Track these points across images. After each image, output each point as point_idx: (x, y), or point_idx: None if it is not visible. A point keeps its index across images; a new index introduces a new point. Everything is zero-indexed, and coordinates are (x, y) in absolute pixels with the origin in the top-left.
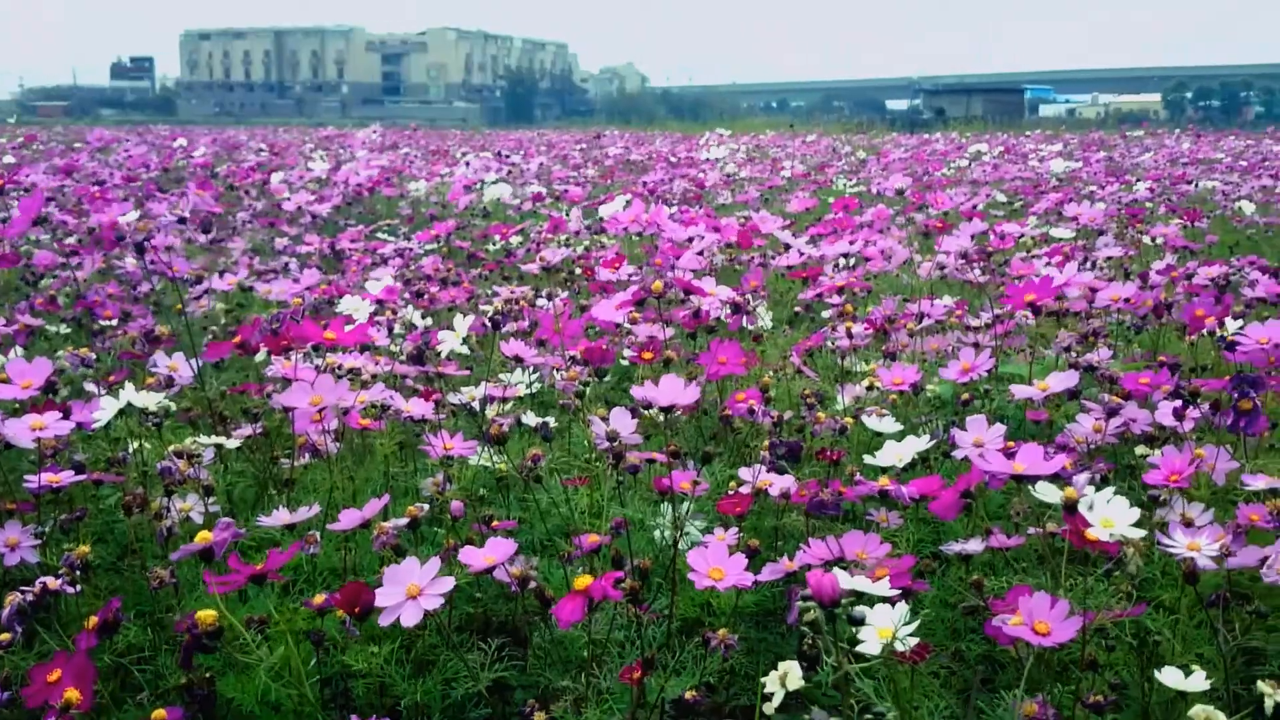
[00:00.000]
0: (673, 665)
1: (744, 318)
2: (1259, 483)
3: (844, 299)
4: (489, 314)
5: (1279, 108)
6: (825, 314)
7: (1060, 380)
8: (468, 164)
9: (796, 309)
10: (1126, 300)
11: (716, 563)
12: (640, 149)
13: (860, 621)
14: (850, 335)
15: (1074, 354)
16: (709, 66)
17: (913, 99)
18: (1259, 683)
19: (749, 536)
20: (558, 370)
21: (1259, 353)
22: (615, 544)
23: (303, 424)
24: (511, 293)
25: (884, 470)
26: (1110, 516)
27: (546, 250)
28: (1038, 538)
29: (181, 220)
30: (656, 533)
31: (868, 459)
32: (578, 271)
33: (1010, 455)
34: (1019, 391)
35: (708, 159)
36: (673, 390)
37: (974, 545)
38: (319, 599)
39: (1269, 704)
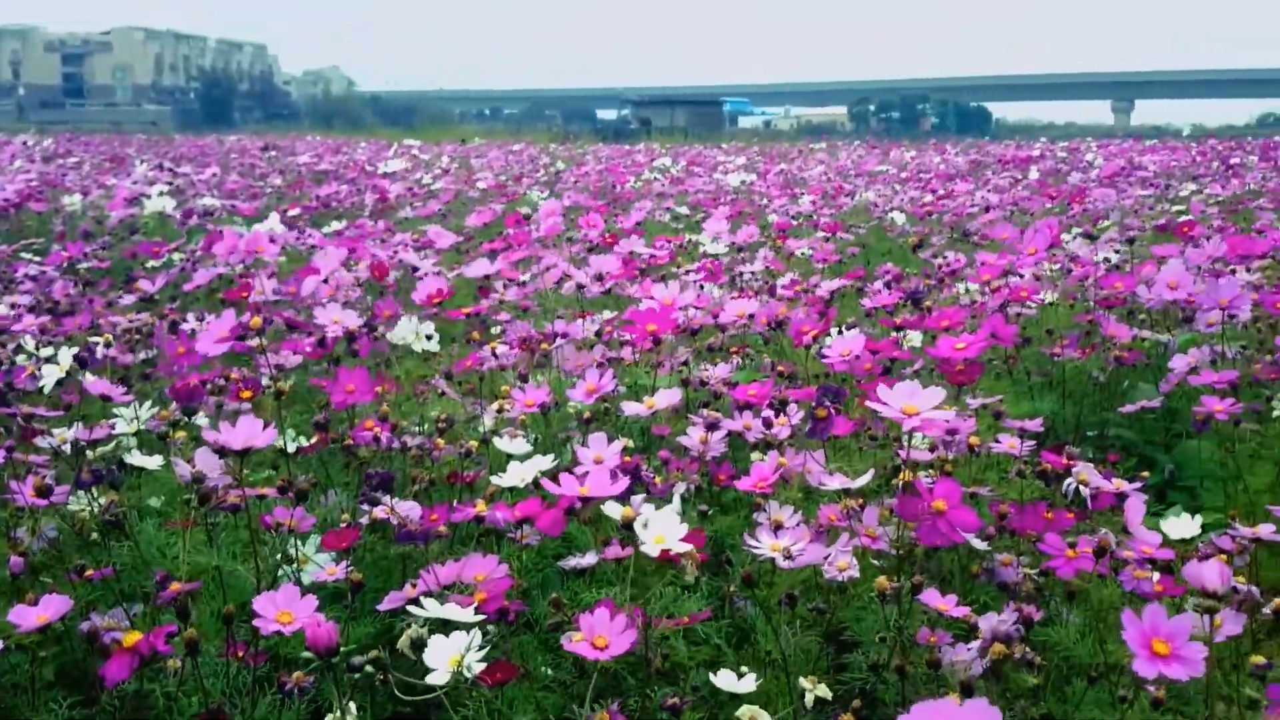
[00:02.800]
0: (250, 713)
1: (371, 342)
2: (834, 483)
3: (512, 317)
4: (99, 345)
5: (952, 118)
6: (495, 331)
7: (666, 397)
8: (129, 175)
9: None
10: (750, 316)
11: (286, 606)
12: (335, 157)
13: (421, 648)
14: (495, 355)
15: (686, 370)
16: (420, 72)
17: (621, 109)
18: (801, 680)
19: (363, 567)
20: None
21: (845, 363)
22: (206, 590)
23: None
24: (130, 321)
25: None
26: (662, 532)
27: (145, 280)
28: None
29: None
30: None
31: (494, 480)
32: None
33: (581, 477)
34: (629, 409)
35: (384, 173)
36: (249, 432)
37: (589, 559)
38: None
39: (809, 699)
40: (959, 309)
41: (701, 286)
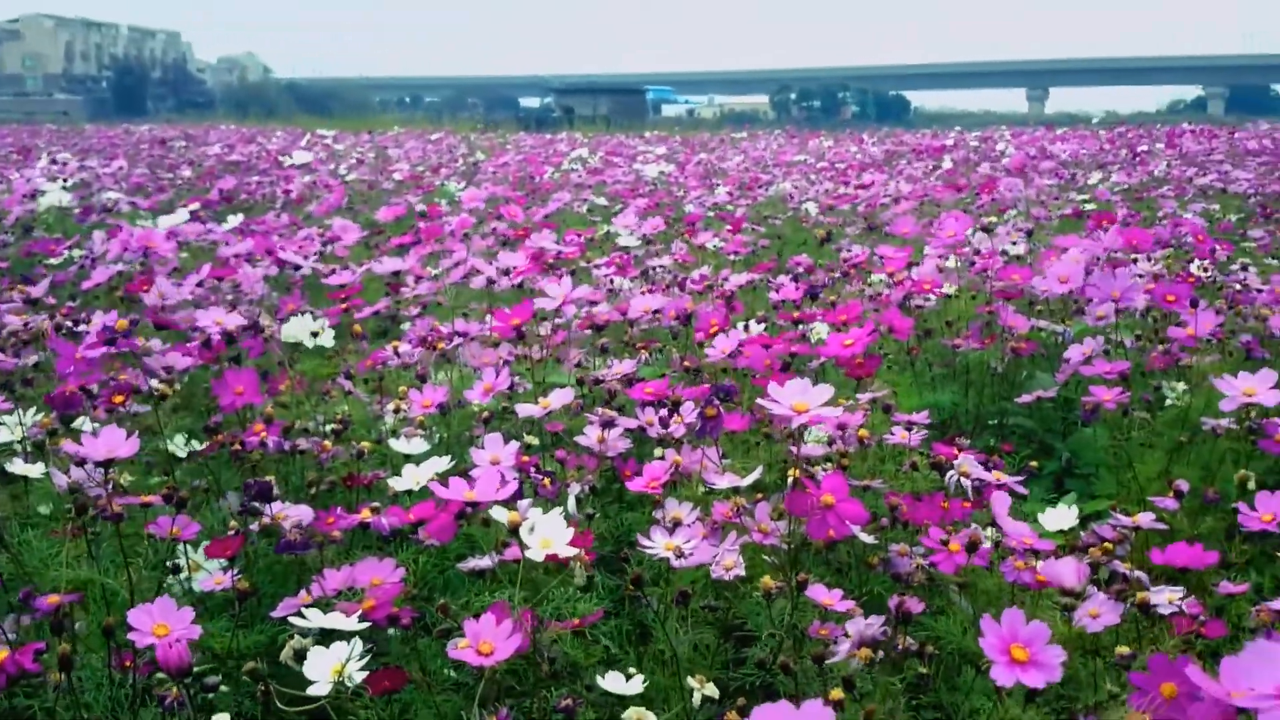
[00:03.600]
0: None
1: (262, 343)
2: (723, 481)
3: (418, 313)
4: None
5: (872, 107)
6: (405, 327)
7: (560, 396)
8: (19, 172)
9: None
10: (655, 311)
11: (162, 618)
12: (248, 147)
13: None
14: (398, 354)
15: (583, 369)
16: (340, 60)
17: (544, 98)
18: (688, 679)
19: (256, 573)
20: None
21: (748, 359)
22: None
23: None
24: (22, 322)
25: (410, 493)
26: (549, 535)
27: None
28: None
29: None
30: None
31: (392, 482)
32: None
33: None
34: (522, 410)
35: (291, 165)
36: (111, 442)
37: (487, 561)
38: None
39: (696, 698)
40: (857, 303)
41: (612, 281)
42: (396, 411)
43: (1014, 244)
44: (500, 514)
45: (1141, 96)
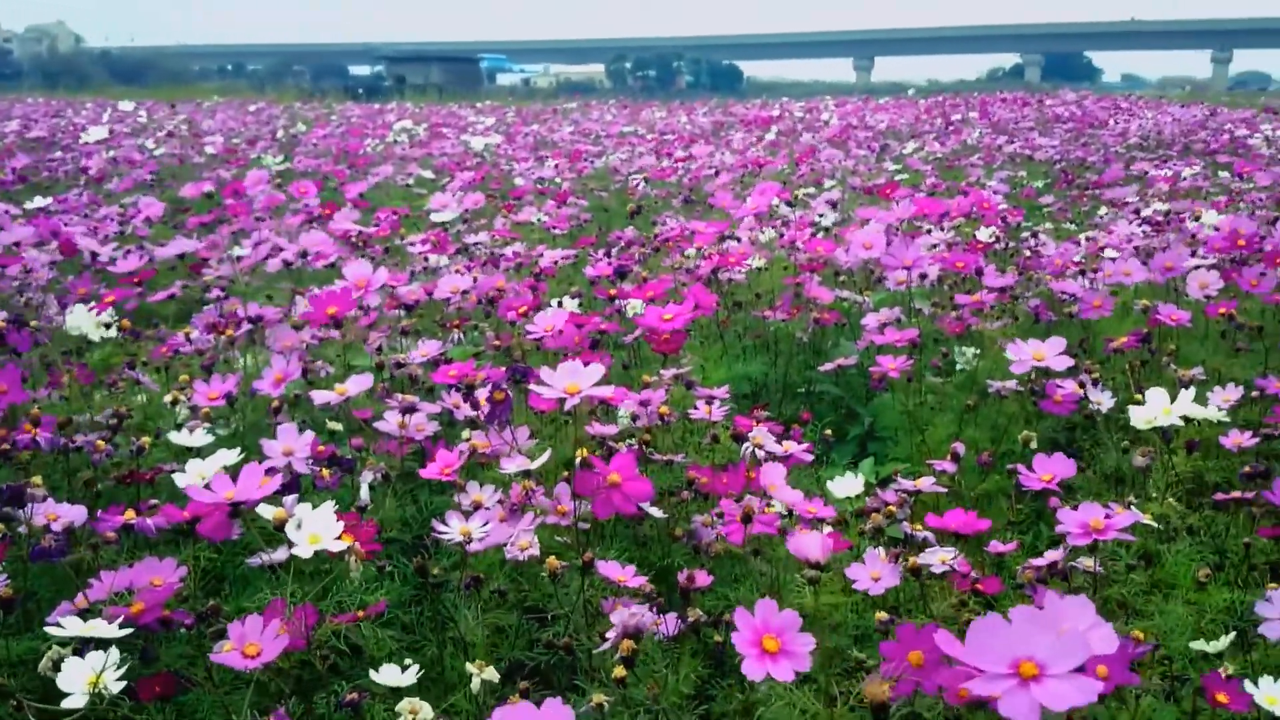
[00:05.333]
0: None
1: (30, 335)
2: (513, 465)
3: (223, 296)
4: None
5: (706, 77)
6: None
7: (357, 383)
8: None
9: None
10: (464, 291)
11: None
12: (53, 121)
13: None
14: (189, 340)
15: (383, 354)
16: (157, 28)
17: (375, 66)
18: (467, 664)
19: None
20: None
21: (549, 338)
22: None
23: None
24: None
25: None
26: (317, 531)
27: None
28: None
29: None
30: None
31: (176, 478)
32: None
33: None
34: (318, 398)
35: (86, 141)
36: None
37: (280, 554)
38: None
39: (475, 684)
40: (666, 278)
41: (426, 259)
42: (175, 403)
43: (821, 216)
44: (266, 511)
45: (963, 65)
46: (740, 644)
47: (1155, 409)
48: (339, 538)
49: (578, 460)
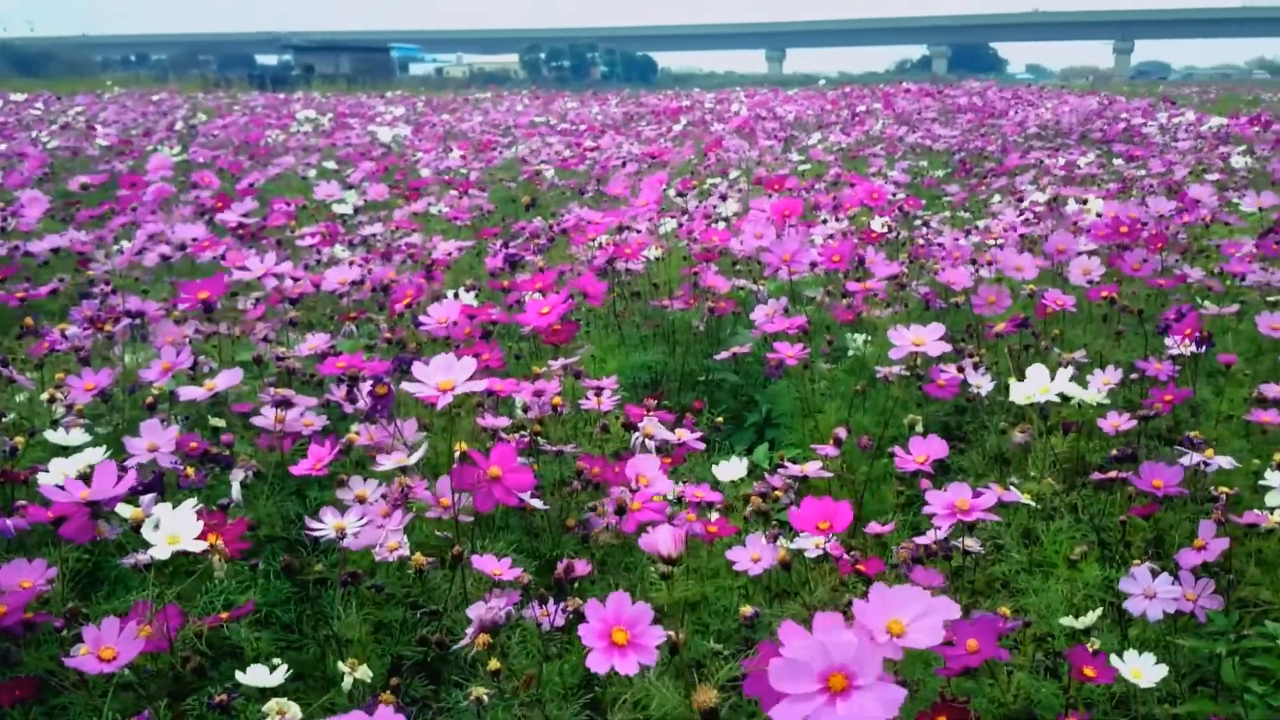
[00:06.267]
0: None
1: None
2: (389, 462)
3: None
4: None
5: (621, 68)
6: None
7: (225, 378)
8: None
9: None
10: (354, 283)
11: None
12: None
13: None
14: (65, 336)
15: (269, 344)
16: (57, 16)
17: (283, 55)
18: (339, 663)
19: None
20: None
21: (439, 330)
22: None
23: None
24: None
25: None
26: (176, 531)
27: None
28: None
29: None
30: None
31: (41, 479)
32: None
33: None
34: (184, 394)
35: None
36: None
37: (160, 553)
38: None
39: (347, 682)
40: (551, 271)
41: (319, 251)
42: (52, 401)
43: (716, 206)
44: (125, 511)
45: (873, 57)
46: (588, 636)
47: (1034, 386)
48: (200, 537)
49: (456, 454)
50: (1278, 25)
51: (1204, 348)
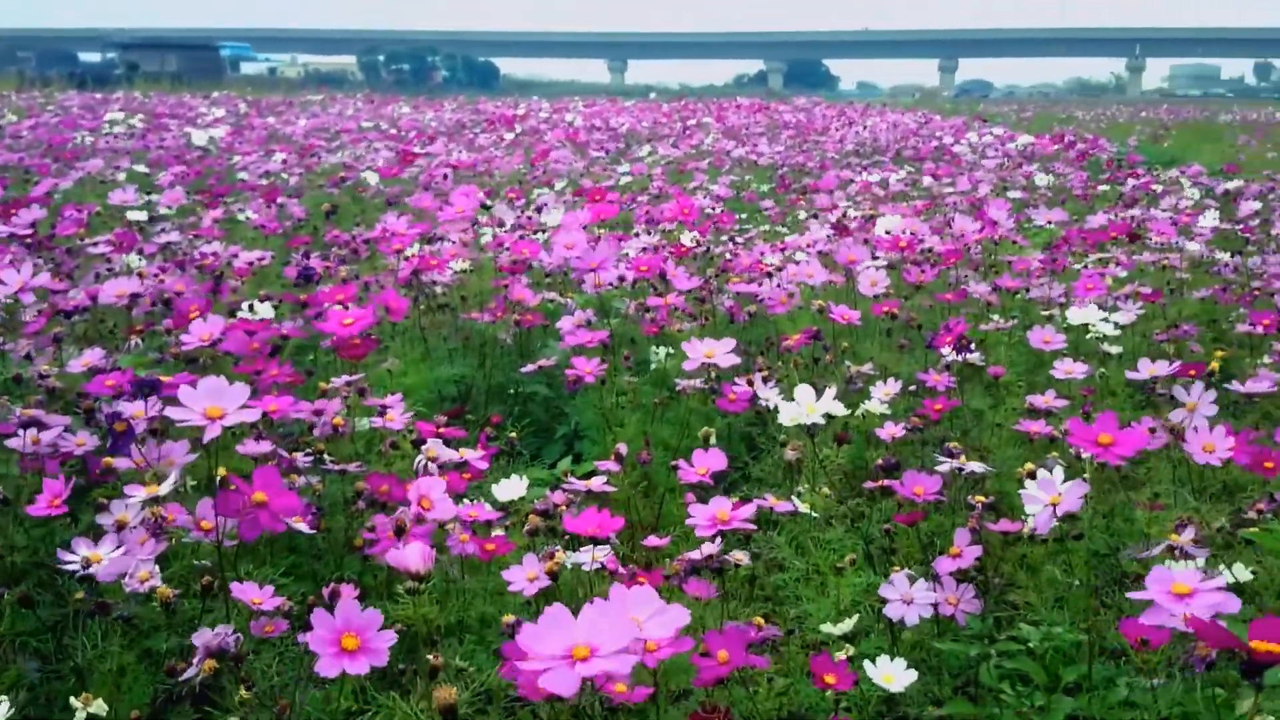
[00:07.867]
0: None
1: None
2: (139, 493)
3: None
4: None
5: (463, 73)
6: None
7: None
8: None
9: None
10: (134, 296)
11: None
12: None
13: None
14: None
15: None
16: None
17: (107, 52)
18: (72, 699)
19: None
20: None
21: (241, 344)
22: None
23: None
24: None
25: None
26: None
27: None
28: None
29: None
30: None
31: None
32: None
33: None
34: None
35: None
36: None
37: None
38: None
39: (80, 716)
40: (351, 284)
41: (109, 260)
42: None
43: (528, 219)
44: None
45: (713, 70)
46: (315, 643)
47: (800, 408)
48: None
49: (217, 480)
50: (1091, 46)
51: (962, 355)
